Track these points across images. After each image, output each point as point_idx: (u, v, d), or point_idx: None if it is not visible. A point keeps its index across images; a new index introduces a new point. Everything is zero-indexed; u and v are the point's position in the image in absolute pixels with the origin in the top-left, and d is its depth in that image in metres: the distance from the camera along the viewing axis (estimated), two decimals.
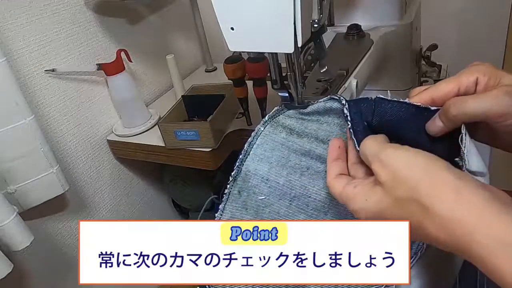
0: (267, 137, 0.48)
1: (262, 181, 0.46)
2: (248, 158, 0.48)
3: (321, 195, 0.43)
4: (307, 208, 0.44)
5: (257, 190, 0.46)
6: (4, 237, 0.66)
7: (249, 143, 0.48)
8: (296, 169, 0.45)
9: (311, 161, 0.45)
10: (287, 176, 0.45)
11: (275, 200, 0.45)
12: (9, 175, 0.71)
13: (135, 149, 0.91)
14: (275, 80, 0.50)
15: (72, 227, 0.91)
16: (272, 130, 0.48)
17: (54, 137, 0.84)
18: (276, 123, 0.49)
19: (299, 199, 0.44)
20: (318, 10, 0.43)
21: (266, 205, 0.46)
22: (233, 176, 0.48)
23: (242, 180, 0.47)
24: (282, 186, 0.45)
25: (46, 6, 0.79)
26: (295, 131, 0.47)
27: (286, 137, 0.47)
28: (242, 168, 0.48)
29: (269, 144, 0.48)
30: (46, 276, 0.86)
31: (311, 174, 0.44)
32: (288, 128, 0.48)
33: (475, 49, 1.14)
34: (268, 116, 0.49)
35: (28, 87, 0.78)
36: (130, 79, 0.91)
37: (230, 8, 0.42)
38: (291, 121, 0.48)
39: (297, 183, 0.45)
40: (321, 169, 0.44)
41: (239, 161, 0.48)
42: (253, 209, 0.46)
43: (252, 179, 0.47)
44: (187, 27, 1.19)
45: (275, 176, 0.46)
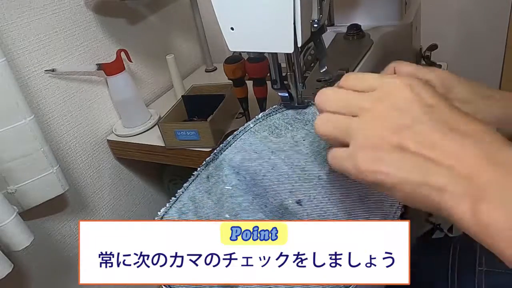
0: (251, 134, 0.49)
1: (234, 172, 0.47)
2: (228, 149, 0.49)
3: (276, 199, 0.44)
4: (266, 208, 0.44)
5: (226, 179, 0.47)
6: (4, 237, 0.66)
7: (234, 135, 0.49)
8: (263, 167, 0.46)
9: (277, 160, 0.46)
10: (253, 174, 0.46)
11: (240, 193, 0.46)
12: (9, 175, 0.71)
13: (135, 149, 0.91)
14: (275, 80, 0.50)
15: (72, 227, 0.91)
16: (258, 128, 0.49)
17: (54, 137, 0.84)
18: (266, 121, 0.50)
19: (260, 197, 0.45)
20: (318, 10, 0.43)
21: (230, 195, 0.46)
22: (206, 161, 0.48)
23: (215, 167, 0.48)
24: (248, 181, 0.46)
25: (46, 6, 0.79)
26: (276, 131, 0.48)
27: (267, 135, 0.48)
28: (219, 157, 0.48)
29: (250, 139, 0.48)
30: (46, 276, 0.86)
31: (272, 176, 0.45)
32: (274, 127, 0.49)
33: (475, 49, 1.14)
34: (262, 114, 0.50)
35: (28, 87, 0.78)
36: (130, 79, 0.91)
37: (230, 8, 0.42)
38: (283, 122, 0.49)
39: (259, 183, 0.45)
40: (283, 172, 0.44)
41: (219, 149, 0.48)
42: (216, 196, 0.46)
43: (225, 168, 0.47)
44: (187, 27, 1.19)
45: (244, 172, 0.46)
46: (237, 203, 0.45)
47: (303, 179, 0.44)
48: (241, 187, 0.46)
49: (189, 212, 0.46)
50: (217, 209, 0.45)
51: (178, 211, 0.46)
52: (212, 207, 0.46)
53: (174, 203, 0.46)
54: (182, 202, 0.47)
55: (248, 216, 0.44)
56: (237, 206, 0.45)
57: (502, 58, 1.12)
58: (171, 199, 0.47)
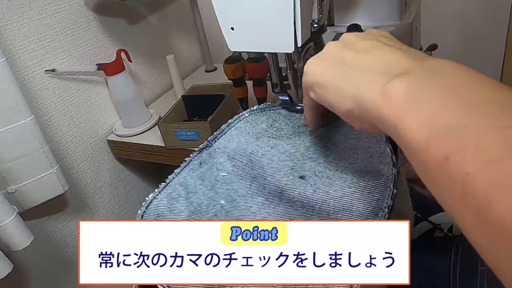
0: (247, 123, 0.48)
1: (228, 159, 0.46)
2: (222, 137, 0.48)
3: (275, 177, 0.42)
4: (264, 191, 0.42)
5: (220, 166, 0.45)
6: (4, 237, 0.66)
7: (229, 124, 0.48)
8: (260, 147, 0.44)
9: (278, 142, 0.44)
10: (250, 155, 0.44)
11: (236, 179, 0.44)
12: (9, 175, 0.71)
13: (135, 149, 0.91)
14: (275, 83, 0.50)
15: (72, 227, 0.91)
16: (256, 118, 0.48)
17: (54, 137, 0.84)
18: (262, 113, 0.49)
19: (257, 180, 0.43)
20: (318, 10, 0.43)
21: (225, 181, 0.44)
22: (199, 148, 0.47)
23: (208, 154, 0.47)
24: (244, 165, 0.44)
25: (46, 6, 0.79)
26: (276, 125, 0.47)
27: (266, 128, 0.47)
28: (213, 144, 0.47)
29: (247, 129, 0.47)
30: (46, 276, 0.86)
31: (271, 154, 0.43)
32: (272, 120, 0.48)
33: (475, 49, 1.14)
34: (258, 107, 0.49)
35: (28, 87, 0.78)
36: (130, 79, 0.91)
37: (230, 8, 0.42)
38: (279, 116, 0.48)
39: (256, 163, 0.44)
40: (286, 149, 0.43)
41: (212, 137, 0.48)
42: (210, 182, 0.44)
43: (219, 156, 0.46)
44: (187, 27, 1.19)
45: (240, 155, 0.45)
46: (233, 190, 0.43)
47: (307, 158, 0.42)
48: (237, 173, 0.44)
49: (180, 198, 0.43)
50: (211, 195, 0.43)
51: (168, 196, 0.43)
52: (206, 193, 0.44)
53: (164, 189, 0.44)
54: (172, 187, 0.44)
55: (246, 202, 0.42)
56: (233, 192, 0.43)
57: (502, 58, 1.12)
58: (160, 184, 0.45)
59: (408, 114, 0.23)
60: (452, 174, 0.20)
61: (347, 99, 0.30)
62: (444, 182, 0.21)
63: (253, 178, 0.43)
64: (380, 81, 0.26)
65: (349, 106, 0.30)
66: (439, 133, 0.21)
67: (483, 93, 0.22)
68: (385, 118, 0.25)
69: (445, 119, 0.22)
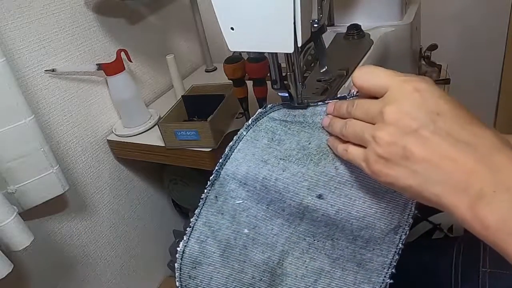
0: (248, 142, 0.47)
1: (240, 185, 0.46)
2: (228, 163, 0.47)
3: (295, 201, 0.43)
4: (283, 213, 0.44)
5: (234, 194, 0.46)
6: (4, 237, 0.66)
7: (230, 147, 0.48)
8: (273, 172, 0.44)
9: (288, 163, 0.44)
10: (263, 180, 0.44)
11: (252, 204, 0.45)
12: (9, 175, 0.71)
13: (135, 149, 0.91)
14: (275, 80, 0.50)
15: (72, 227, 0.91)
16: (255, 135, 0.48)
17: (54, 137, 0.84)
18: (259, 127, 0.48)
19: (275, 203, 0.44)
20: (318, 10, 0.43)
21: (243, 209, 0.45)
22: (211, 181, 0.47)
23: (220, 184, 0.47)
24: (259, 190, 0.45)
25: (46, 6, 0.79)
26: (276, 137, 0.47)
27: (268, 143, 0.46)
28: (221, 172, 0.47)
29: (250, 149, 0.47)
30: (46, 276, 0.86)
31: (285, 178, 0.44)
32: (271, 132, 0.47)
33: (475, 49, 1.14)
34: (252, 120, 0.49)
35: (28, 87, 0.78)
36: (130, 79, 0.91)
37: (230, 8, 0.42)
38: (275, 123, 0.48)
39: (271, 188, 0.44)
40: (296, 171, 0.43)
41: (219, 165, 0.47)
42: (230, 213, 0.46)
43: (230, 183, 0.46)
44: (187, 27, 1.19)
45: (252, 181, 0.45)
46: (252, 216, 0.45)
47: (319, 173, 0.42)
48: (252, 198, 0.45)
49: (208, 239, 0.46)
50: (234, 227, 0.45)
51: (197, 240, 0.46)
52: (229, 227, 0.46)
53: (191, 234, 0.46)
54: (199, 230, 0.47)
55: (267, 225, 0.44)
56: (253, 218, 0.45)
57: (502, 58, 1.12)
58: (186, 230, 0.47)
59: (509, 240, 0.27)
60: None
61: (419, 192, 0.32)
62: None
63: (269, 201, 0.45)
64: (463, 197, 0.29)
65: (426, 198, 0.32)
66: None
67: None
68: (477, 234, 0.29)
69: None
